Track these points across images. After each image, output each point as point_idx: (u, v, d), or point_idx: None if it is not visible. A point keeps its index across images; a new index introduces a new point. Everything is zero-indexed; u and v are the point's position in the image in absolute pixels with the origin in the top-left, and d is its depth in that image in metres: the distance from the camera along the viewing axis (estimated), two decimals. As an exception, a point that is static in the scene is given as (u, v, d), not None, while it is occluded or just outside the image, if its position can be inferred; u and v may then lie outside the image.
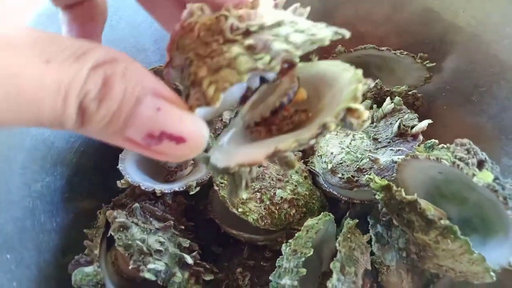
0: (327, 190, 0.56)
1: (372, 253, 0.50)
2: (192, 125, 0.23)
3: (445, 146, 0.46)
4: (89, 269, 0.45)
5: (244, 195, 0.52)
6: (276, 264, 0.48)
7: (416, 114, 0.54)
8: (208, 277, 0.50)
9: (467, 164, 0.42)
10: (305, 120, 0.29)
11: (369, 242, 0.50)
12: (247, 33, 0.27)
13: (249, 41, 0.26)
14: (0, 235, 0.44)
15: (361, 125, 0.23)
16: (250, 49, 0.26)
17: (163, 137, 0.22)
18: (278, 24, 0.28)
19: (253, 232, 0.53)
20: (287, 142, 0.24)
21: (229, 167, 0.27)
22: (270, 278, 0.48)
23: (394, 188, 0.43)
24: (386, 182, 0.44)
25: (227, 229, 0.54)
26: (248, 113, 0.31)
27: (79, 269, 0.45)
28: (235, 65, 0.25)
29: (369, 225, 0.54)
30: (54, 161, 0.52)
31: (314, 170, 0.58)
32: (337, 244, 0.44)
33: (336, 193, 0.56)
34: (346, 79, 0.31)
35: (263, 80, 0.30)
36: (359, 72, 0.26)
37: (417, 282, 0.55)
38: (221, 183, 0.53)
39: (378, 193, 0.46)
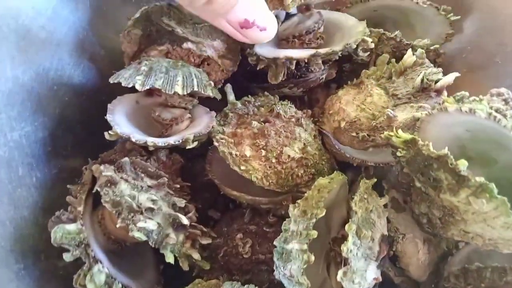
0: (338, 151, 0.51)
1: (387, 220, 0.46)
2: (271, 19, 0.42)
3: (477, 98, 0.41)
4: (71, 226, 0.40)
5: (248, 152, 0.46)
6: (282, 228, 0.43)
7: (441, 69, 0.48)
8: (205, 241, 0.45)
9: (504, 116, 0.37)
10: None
11: (385, 207, 0.45)
12: None
13: None
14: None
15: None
16: None
17: (253, 24, 0.39)
18: None
19: (256, 194, 0.48)
20: (323, 49, 0.49)
21: (278, 57, 0.49)
22: (275, 243, 0.43)
23: (420, 142, 0.38)
24: (411, 135, 0.39)
25: (227, 191, 0.49)
26: (284, 31, 0.53)
27: (59, 225, 0.40)
28: None
29: (384, 190, 0.50)
30: (35, 109, 0.46)
31: (324, 130, 0.52)
32: (353, 204, 0.39)
33: (348, 155, 0.50)
34: (351, 24, 0.55)
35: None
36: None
37: (433, 253, 0.50)
38: (222, 138, 0.47)
39: (400, 150, 0.40)
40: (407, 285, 0.51)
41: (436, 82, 0.47)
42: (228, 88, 0.53)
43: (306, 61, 0.50)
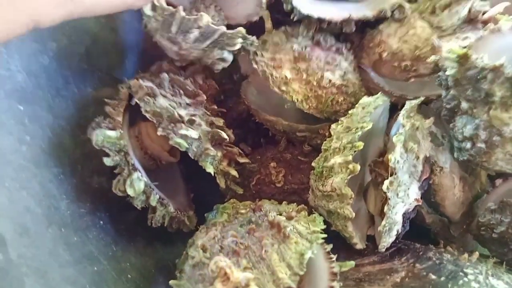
0: (377, 86, 0.50)
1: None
2: None
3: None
4: (111, 132, 0.39)
5: (288, 74, 0.46)
6: (322, 148, 0.43)
7: (487, 1, 0.47)
8: (242, 160, 0.44)
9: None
10: None
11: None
12: None
13: None
14: (11, 81, 0.38)
15: None
16: None
17: None
18: None
19: (293, 121, 0.47)
20: (356, 14, 0.47)
21: (312, 16, 0.46)
22: (313, 164, 0.43)
23: (474, 55, 0.37)
24: (464, 50, 0.38)
25: (263, 116, 0.48)
26: None
27: (100, 129, 0.39)
28: None
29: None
30: (73, 24, 0.46)
31: (363, 64, 0.51)
32: (400, 118, 0.38)
33: (387, 89, 0.49)
34: None
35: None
36: None
37: (467, 192, 0.49)
38: (261, 60, 0.47)
39: (449, 68, 0.39)
40: (437, 227, 0.51)
41: (484, 13, 0.46)
42: (266, 15, 0.52)
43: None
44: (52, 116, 0.42)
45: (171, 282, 0.38)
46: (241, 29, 0.43)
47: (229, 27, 0.44)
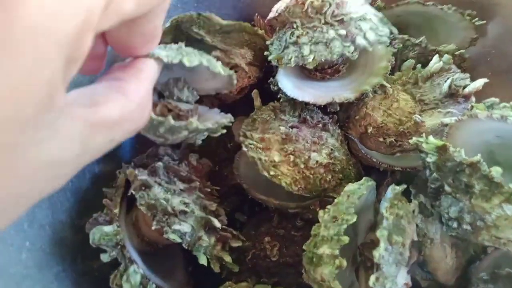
0: (365, 156, 0.51)
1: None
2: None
3: (507, 105, 0.41)
4: (108, 228, 0.41)
5: (276, 157, 0.47)
6: (311, 233, 0.44)
7: (468, 74, 0.49)
8: (235, 244, 0.46)
9: (536, 122, 0.37)
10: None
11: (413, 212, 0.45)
12: (341, 21, 0.46)
13: (342, 31, 0.46)
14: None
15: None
16: (341, 37, 0.46)
17: None
18: (362, 18, 0.47)
19: (283, 198, 0.49)
20: (338, 97, 0.49)
21: (297, 99, 0.49)
22: (304, 247, 0.44)
23: (452, 148, 0.38)
24: (442, 142, 0.39)
25: (255, 195, 0.50)
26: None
27: (97, 227, 0.41)
28: (331, 46, 0.46)
29: (411, 195, 0.50)
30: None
31: (350, 134, 0.53)
32: (383, 211, 0.39)
33: (375, 160, 0.51)
34: (378, 54, 0.51)
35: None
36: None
37: (460, 258, 0.50)
38: (250, 144, 0.48)
39: (430, 155, 0.41)
40: (434, 291, 0.51)
41: (464, 87, 0.47)
42: (255, 94, 0.54)
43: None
44: (51, 212, 0.44)
45: None
46: (224, 121, 0.45)
47: (201, 97, 0.47)
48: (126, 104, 0.27)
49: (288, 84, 0.49)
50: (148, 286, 0.41)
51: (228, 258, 0.45)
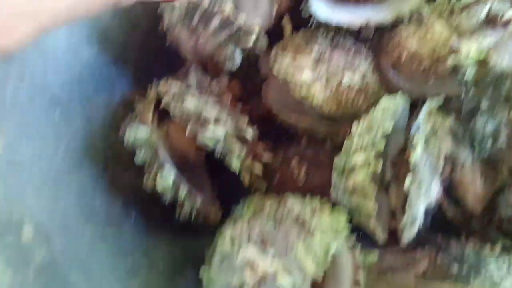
0: (396, 85, 0.51)
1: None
2: None
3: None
4: (142, 129, 0.42)
5: (308, 78, 0.47)
6: (343, 147, 0.44)
7: (508, 0, 0.48)
8: (266, 156, 0.46)
9: None
10: None
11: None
12: None
13: None
14: (48, 92, 0.40)
15: None
16: None
17: None
18: None
19: (314, 119, 0.49)
20: (374, 20, 0.48)
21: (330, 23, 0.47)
22: (335, 161, 0.44)
23: (493, 60, 0.38)
24: (483, 54, 0.39)
25: (285, 117, 0.50)
26: None
27: (132, 126, 0.42)
28: None
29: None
30: (100, 33, 0.48)
31: (382, 65, 0.52)
32: (421, 118, 0.39)
33: (406, 88, 0.50)
34: None
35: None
36: None
37: (489, 186, 0.50)
38: (281, 66, 0.48)
39: (468, 71, 0.40)
40: (459, 220, 0.51)
41: (503, 15, 0.47)
42: (286, 20, 0.54)
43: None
44: (85, 121, 0.45)
45: (201, 273, 0.40)
46: (257, 27, 0.45)
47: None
48: None
49: (321, 7, 0.49)
50: (180, 189, 0.42)
51: (258, 168, 0.45)
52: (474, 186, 0.48)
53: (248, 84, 0.60)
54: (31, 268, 0.29)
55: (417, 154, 0.37)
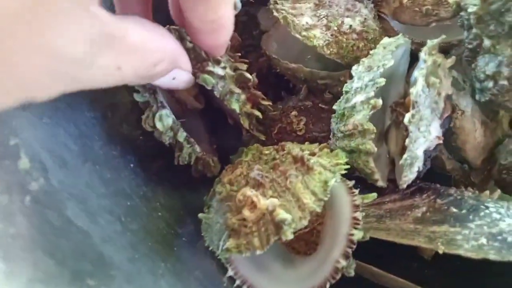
0: (397, 33, 0.50)
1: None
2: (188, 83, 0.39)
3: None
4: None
5: (309, 20, 0.46)
6: (343, 90, 0.43)
7: None
8: (265, 102, 0.45)
9: None
10: None
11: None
12: None
13: None
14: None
15: None
16: None
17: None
18: None
19: (314, 67, 0.48)
20: None
21: None
22: (334, 107, 0.44)
23: (496, -9, 0.37)
24: (487, -16, 0.38)
25: (284, 65, 0.49)
26: None
27: None
28: None
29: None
30: None
31: (382, 13, 0.52)
32: (422, 54, 0.38)
33: (408, 36, 0.49)
34: None
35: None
36: None
37: (488, 138, 0.50)
38: (282, 9, 0.47)
39: (471, 5, 0.39)
40: (458, 172, 0.51)
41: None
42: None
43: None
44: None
45: (200, 215, 0.40)
46: None
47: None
48: (154, 40, 0.28)
49: None
50: (179, 132, 0.41)
51: (258, 113, 0.44)
52: (473, 135, 0.47)
53: (247, 39, 0.60)
54: (27, 195, 0.28)
55: (418, 89, 0.36)
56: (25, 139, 0.32)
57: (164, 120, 0.40)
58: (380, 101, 0.37)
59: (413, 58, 0.53)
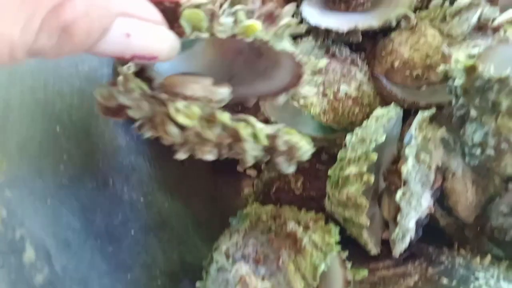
0: (390, 93, 0.51)
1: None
2: (162, 43, 0.24)
3: (540, 30, 0.41)
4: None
5: (305, 88, 0.48)
6: (338, 158, 0.45)
7: (498, 7, 0.48)
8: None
9: None
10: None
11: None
12: None
13: None
14: (48, 105, 0.41)
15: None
16: None
17: (134, 57, 0.24)
18: None
19: (310, 128, 0.50)
20: (362, 23, 0.49)
21: (319, 26, 0.46)
22: (329, 173, 0.45)
23: (481, 66, 0.38)
24: (471, 61, 0.39)
25: (281, 128, 0.50)
26: None
27: None
28: None
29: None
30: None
31: (375, 72, 0.53)
32: (412, 130, 0.40)
33: (399, 97, 0.51)
34: None
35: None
36: None
37: (480, 195, 0.51)
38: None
39: (458, 78, 0.41)
40: (451, 229, 0.52)
41: (493, 20, 0.47)
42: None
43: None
44: (85, 133, 0.46)
45: (198, 283, 0.42)
46: None
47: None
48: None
49: (311, 12, 0.50)
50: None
51: None
52: (465, 195, 0.48)
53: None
54: (31, 288, 0.30)
55: (408, 167, 0.38)
56: (30, 228, 0.33)
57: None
58: (372, 178, 0.39)
59: (406, 115, 0.55)
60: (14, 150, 0.35)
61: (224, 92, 0.28)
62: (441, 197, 0.50)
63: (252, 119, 0.31)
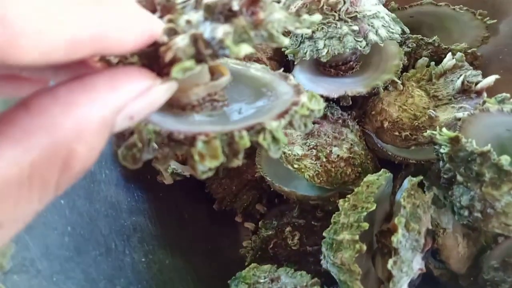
0: (381, 150, 0.54)
1: (429, 215, 0.48)
2: (162, 98, 0.21)
3: (518, 99, 0.43)
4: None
5: (299, 151, 0.50)
6: (332, 221, 0.47)
7: (480, 71, 0.51)
8: None
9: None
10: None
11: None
12: (354, 18, 0.49)
13: (355, 27, 0.48)
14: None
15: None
16: (354, 32, 0.49)
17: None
18: (374, 16, 0.50)
19: (305, 191, 0.52)
20: (351, 90, 0.52)
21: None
22: (324, 234, 0.47)
23: (464, 139, 0.41)
24: (455, 133, 0.42)
25: (278, 187, 0.52)
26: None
27: None
28: (344, 41, 0.49)
29: (425, 187, 0.52)
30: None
31: (367, 129, 0.55)
32: (401, 200, 0.42)
33: (390, 153, 0.53)
34: (391, 52, 0.56)
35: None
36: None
37: (472, 247, 0.52)
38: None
39: (443, 146, 0.43)
40: (446, 278, 0.54)
41: (476, 84, 0.50)
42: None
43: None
44: (89, 202, 0.47)
45: None
46: None
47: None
48: None
49: (303, 78, 0.53)
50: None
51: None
52: (456, 250, 0.50)
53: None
54: None
55: (398, 238, 0.39)
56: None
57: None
58: (364, 247, 0.40)
59: (398, 168, 0.57)
60: (22, 232, 0.36)
61: (225, 80, 0.26)
62: (434, 251, 0.52)
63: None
